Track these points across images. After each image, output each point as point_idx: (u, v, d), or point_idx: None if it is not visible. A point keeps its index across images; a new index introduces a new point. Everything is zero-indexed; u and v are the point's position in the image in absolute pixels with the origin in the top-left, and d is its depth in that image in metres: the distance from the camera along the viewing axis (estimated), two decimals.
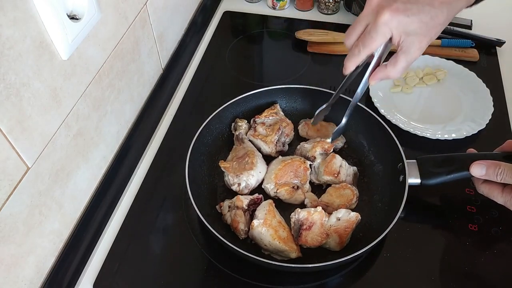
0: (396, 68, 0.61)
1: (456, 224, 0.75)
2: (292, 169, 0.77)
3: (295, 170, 0.77)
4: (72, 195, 0.67)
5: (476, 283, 0.68)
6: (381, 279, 0.69)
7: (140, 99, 0.86)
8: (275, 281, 0.69)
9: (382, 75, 0.63)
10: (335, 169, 0.77)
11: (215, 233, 0.65)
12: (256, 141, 0.83)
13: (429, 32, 0.57)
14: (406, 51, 0.59)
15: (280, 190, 0.76)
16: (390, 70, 0.62)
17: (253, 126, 0.84)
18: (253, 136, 0.83)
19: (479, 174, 0.66)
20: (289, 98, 0.89)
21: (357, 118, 0.83)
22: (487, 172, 0.65)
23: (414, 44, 0.58)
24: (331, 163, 0.77)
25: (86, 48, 0.63)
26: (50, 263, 0.65)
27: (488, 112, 0.88)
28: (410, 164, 0.73)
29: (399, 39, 0.58)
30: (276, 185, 0.76)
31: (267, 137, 0.82)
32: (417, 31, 0.57)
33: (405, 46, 0.59)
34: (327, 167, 0.77)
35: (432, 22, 0.56)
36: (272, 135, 0.82)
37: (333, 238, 0.69)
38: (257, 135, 0.83)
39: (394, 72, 0.62)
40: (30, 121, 0.54)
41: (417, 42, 0.58)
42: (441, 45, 1.05)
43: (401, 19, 0.56)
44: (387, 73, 0.62)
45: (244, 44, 1.11)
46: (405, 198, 0.68)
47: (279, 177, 0.76)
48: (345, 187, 0.75)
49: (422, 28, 0.57)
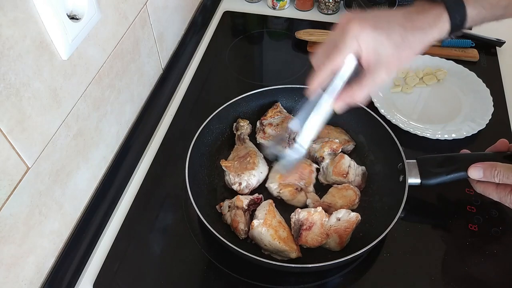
0: (361, 89, 0.56)
1: (456, 224, 0.75)
2: (297, 171, 0.77)
3: (301, 172, 0.77)
4: (72, 195, 0.67)
5: (476, 283, 0.68)
6: (381, 279, 0.69)
7: (140, 99, 0.86)
8: (275, 281, 0.69)
9: (347, 97, 0.58)
10: (343, 169, 0.77)
11: (215, 233, 0.65)
12: (267, 143, 0.82)
13: (399, 54, 0.54)
14: (373, 72, 0.55)
15: (284, 191, 0.75)
16: (356, 91, 0.56)
17: (261, 128, 0.84)
18: (263, 139, 0.83)
19: (477, 176, 0.66)
20: (288, 98, 0.89)
21: (357, 118, 0.84)
22: (485, 174, 0.65)
23: (382, 65, 0.54)
24: (340, 164, 0.77)
25: (86, 48, 0.63)
26: (50, 263, 0.65)
27: (488, 112, 0.88)
28: (410, 164, 0.73)
29: (367, 56, 0.54)
30: (280, 185, 0.76)
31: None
32: (386, 51, 0.53)
33: (372, 66, 0.55)
34: (335, 167, 0.77)
35: (403, 44, 0.53)
36: (283, 133, 0.81)
37: (333, 238, 0.69)
38: (267, 136, 0.82)
39: (359, 93, 0.56)
40: (30, 121, 0.54)
41: (385, 63, 0.54)
42: (441, 45, 1.05)
43: (369, 33, 0.53)
44: (352, 94, 0.57)
45: (244, 44, 1.11)
46: (405, 198, 0.68)
47: (284, 177, 0.76)
48: (348, 187, 0.75)
49: (391, 47, 0.53)
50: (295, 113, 0.87)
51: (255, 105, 0.88)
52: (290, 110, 0.89)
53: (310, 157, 0.81)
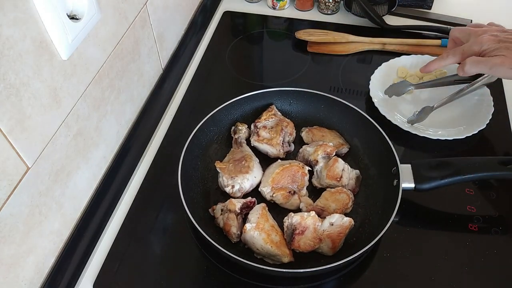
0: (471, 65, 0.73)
1: (456, 224, 0.75)
2: (290, 174, 0.77)
3: (293, 175, 0.77)
4: (72, 195, 0.67)
5: (476, 283, 0.68)
6: (381, 279, 0.69)
7: (140, 99, 0.86)
8: (275, 281, 0.69)
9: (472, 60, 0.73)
10: (337, 173, 0.76)
11: (206, 237, 0.65)
12: (261, 146, 0.82)
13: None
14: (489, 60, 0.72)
15: (276, 194, 0.75)
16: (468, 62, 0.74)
17: (255, 131, 0.83)
18: (257, 141, 0.82)
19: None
20: (284, 100, 0.88)
21: (352, 120, 0.83)
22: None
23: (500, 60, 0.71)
24: (333, 167, 0.76)
25: (86, 48, 0.63)
26: (50, 263, 0.65)
27: (488, 112, 0.88)
28: (404, 168, 0.72)
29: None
30: (272, 189, 0.75)
31: (272, 140, 0.81)
32: None
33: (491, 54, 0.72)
34: (329, 171, 0.76)
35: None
36: (277, 137, 0.81)
37: (326, 243, 0.69)
38: (261, 139, 0.82)
39: (467, 67, 0.74)
40: (30, 121, 0.54)
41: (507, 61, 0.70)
42: (441, 45, 1.05)
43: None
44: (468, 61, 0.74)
45: (244, 44, 1.11)
46: (398, 203, 0.68)
47: (276, 181, 0.76)
48: (341, 191, 0.75)
49: None
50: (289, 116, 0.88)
51: (250, 108, 0.87)
52: (285, 112, 0.89)
53: (304, 160, 0.81)
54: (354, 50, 1.06)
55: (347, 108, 0.83)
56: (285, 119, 0.86)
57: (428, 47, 1.05)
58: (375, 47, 1.06)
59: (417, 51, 1.03)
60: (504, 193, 0.78)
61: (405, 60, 1.00)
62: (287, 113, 0.89)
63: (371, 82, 0.94)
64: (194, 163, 0.79)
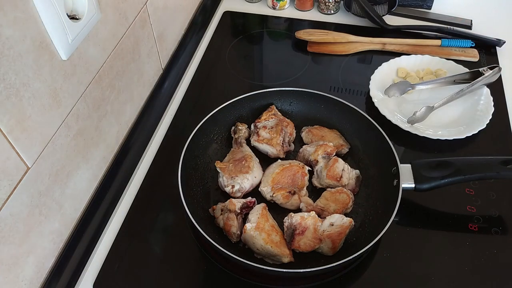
0: None
1: (456, 224, 0.75)
2: (290, 174, 0.77)
3: (293, 175, 0.77)
4: (72, 195, 0.67)
5: (476, 283, 0.68)
6: (381, 279, 0.69)
7: (140, 99, 0.86)
8: (275, 281, 0.70)
9: None
10: (337, 173, 0.76)
11: (206, 237, 0.65)
12: (262, 146, 0.82)
13: None
14: None
15: (276, 194, 0.75)
16: None
17: (255, 131, 0.83)
18: (257, 142, 0.82)
19: None
20: (284, 100, 0.89)
21: (352, 120, 0.83)
22: None
23: None
24: (334, 167, 0.76)
25: (86, 48, 0.63)
26: (50, 263, 0.65)
27: (488, 112, 0.88)
28: (404, 168, 0.72)
29: None
30: (272, 189, 0.75)
31: (272, 140, 0.81)
32: None
33: None
34: (329, 171, 0.76)
35: None
36: (277, 137, 0.81)
37: (326, 243, 0.69)
38: (261, 139, 0.82)
39: None
40: (30, 121, 0.54)
41: None
42: (441, 45, 1.05)
43: None
44: None
45: (244, 44, 1.11)
46: (398, 203, 0.68)
47: (276, 181, 0.76)
48: (341, 191, 0.75)
49: None
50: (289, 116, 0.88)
51: (250, 108, 0.87)
52: (285, 112, 0.89)
53: (304, 160, 0.81)
54: (354, 50, 1.06)
55: (347, 108, 0.83)
56: (285, 119, 0.86)
57: (428, 47, 1.05)
58: (375, 47, 1.06)
59: (417, 51, 1.03)
60: (504, 193, 0.78)
61: (405, 60, 1.00)
62: (287, 113, 0.89)
63: (371, 82, 0.94)
64: (194, 163, 0.79)
